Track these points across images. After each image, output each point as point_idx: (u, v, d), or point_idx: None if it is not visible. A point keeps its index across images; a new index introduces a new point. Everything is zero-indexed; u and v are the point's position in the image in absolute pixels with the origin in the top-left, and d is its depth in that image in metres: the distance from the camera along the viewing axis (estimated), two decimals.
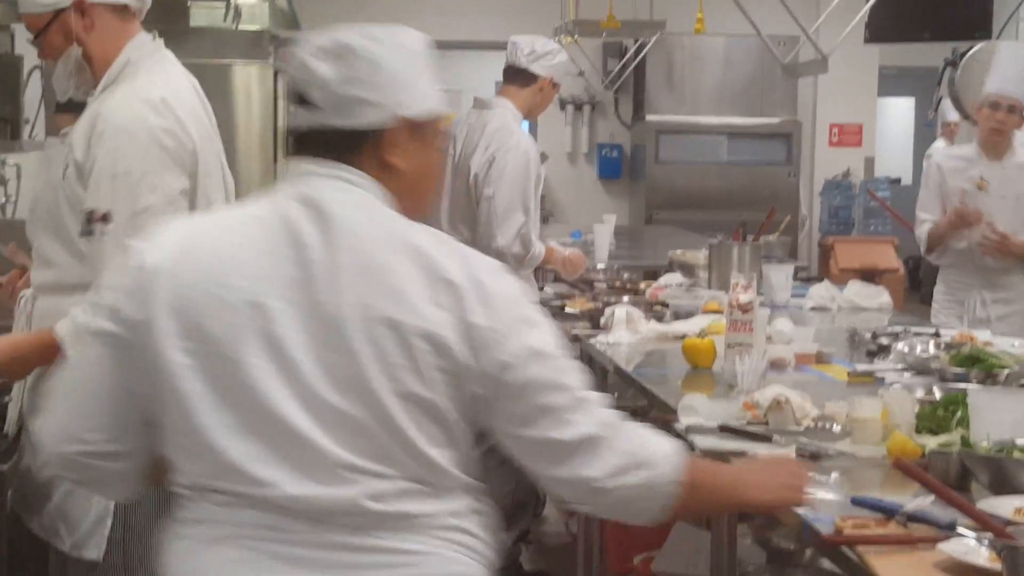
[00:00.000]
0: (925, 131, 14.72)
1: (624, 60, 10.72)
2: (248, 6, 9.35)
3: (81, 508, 3.18)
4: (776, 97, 12.58)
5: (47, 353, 3.11)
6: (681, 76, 12.39)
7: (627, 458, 2.22)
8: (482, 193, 5.13)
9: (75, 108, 4.21)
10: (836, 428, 3.04)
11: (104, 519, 3.19)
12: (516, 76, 5.33)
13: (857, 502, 2.51)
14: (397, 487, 2.10)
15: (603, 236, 7.01)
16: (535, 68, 5.29)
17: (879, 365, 4.06)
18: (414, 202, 2.26)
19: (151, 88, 3.18)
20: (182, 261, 2.13)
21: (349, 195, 2.17)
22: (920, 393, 3.31)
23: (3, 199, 6.96)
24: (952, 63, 9.86)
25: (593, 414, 2.21)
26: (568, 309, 5.40)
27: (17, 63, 7.51)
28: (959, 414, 2.93)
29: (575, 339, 4.95)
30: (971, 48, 9.78)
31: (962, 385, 3.40)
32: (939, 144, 13.59)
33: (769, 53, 7.75)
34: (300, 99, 2.18)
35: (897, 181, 15.16)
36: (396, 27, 2.23)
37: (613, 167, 13.14)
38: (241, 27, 9.39)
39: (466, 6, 13.13)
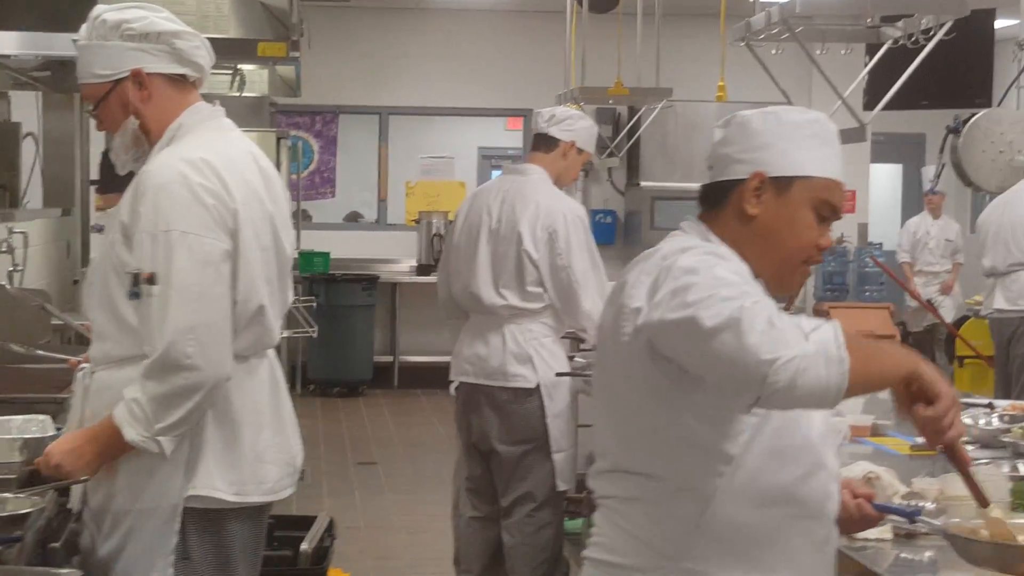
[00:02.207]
0: (912, 198, 14.78)
1: (628, 127, 10.71)
2: (248, 73, 9.31)
3: None
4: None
5: (109, 445, 3.05)
6: (675, 143, 12.40)
7: (782, 327, 2.16)
8: (554, 264, 5.13)
9: (119, 187, 4.16)
10: (929, 506, 2.96)
11: None
12: (540, 142, 5.40)
13: None
14: None
15: None
16: (554, 132, 5.35)
17: None
18: (767, 253, 2.45)
19: (194, 149, 3.12)
20: None
21: (674, 240, 2.48)
22: (1006, 469, 3.24)
23: (11, 267, 6.87)
24: (954, 130, 9.88)
25: (726, 303, 2.21)
26: None
27: (14, 130, 7.46)
28: None
29: None
30: (973, 115, 9.81)
31: None
32: (915, 220, 13.35)
33: None
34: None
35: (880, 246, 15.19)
36: (789, 106, 2.60)
37: (607, 233, 13.11)
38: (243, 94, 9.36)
39: (473, 75, 13.16)
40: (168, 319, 2.98)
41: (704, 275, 2.27)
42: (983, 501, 2.42)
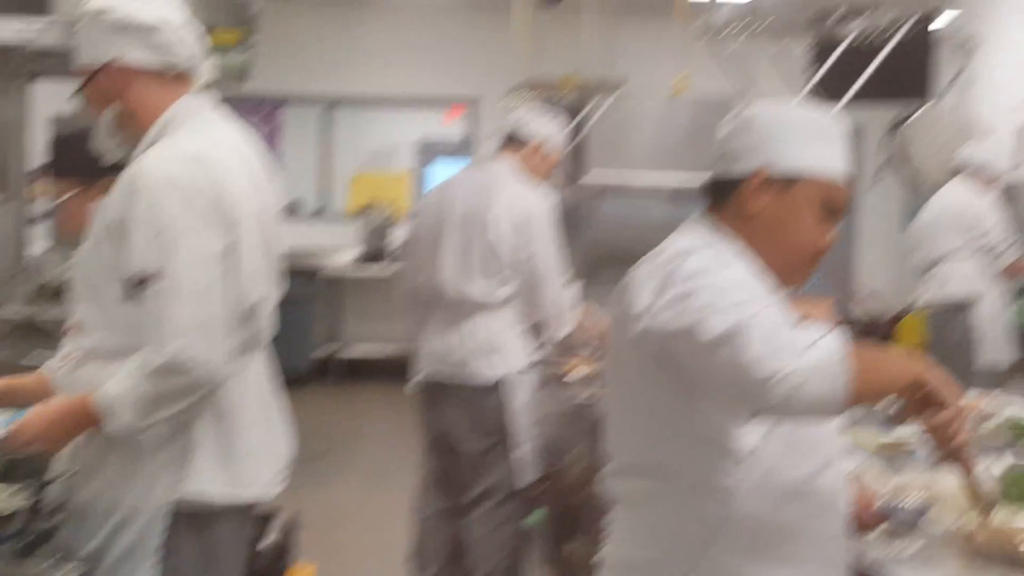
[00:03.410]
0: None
1: (578, 119, 10.71)
2: None
3: None
4: (710, 155, 12.58)
5: (81, 422, 3.01)
6: (618, 134, 12.40)
7: (780, 342, 2.16)
8: (519, 256, 5.14)
9: (76, 172, 4.09)
10: (916, 502, 3.00)
11: None
12: (510, 141, 5.41)
13: None
14: None
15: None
16: (524, 132, 5.39)
17: (904, 432, 4.05)
18: (771, 249, 2.47)
19: (188, 143, 3.07)
20: None
21: (681, 235, 2.51)
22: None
23: None
24: (896, 127, 9.97)
25: (725, 315, 2.20)
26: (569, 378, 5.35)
27: None
28: None
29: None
30: (914, 112, 9.89)
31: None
32: None
33: (704, 112, 7.75)
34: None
35: None
36: (796, 103, 2.58)
37: None
38: None
39: (427, 62, 13.09)
40: (172, 319, 2.93)
41: (706, 282, 2.27)
42: (985, 510, 2.43)
